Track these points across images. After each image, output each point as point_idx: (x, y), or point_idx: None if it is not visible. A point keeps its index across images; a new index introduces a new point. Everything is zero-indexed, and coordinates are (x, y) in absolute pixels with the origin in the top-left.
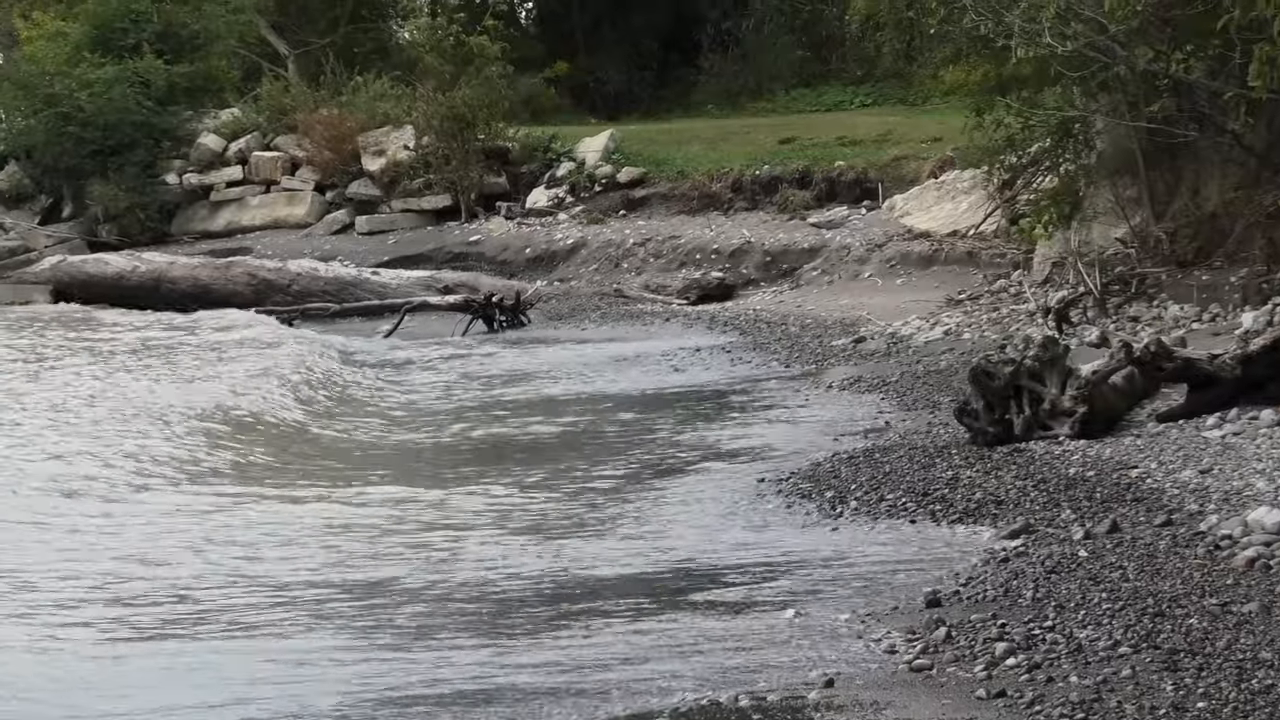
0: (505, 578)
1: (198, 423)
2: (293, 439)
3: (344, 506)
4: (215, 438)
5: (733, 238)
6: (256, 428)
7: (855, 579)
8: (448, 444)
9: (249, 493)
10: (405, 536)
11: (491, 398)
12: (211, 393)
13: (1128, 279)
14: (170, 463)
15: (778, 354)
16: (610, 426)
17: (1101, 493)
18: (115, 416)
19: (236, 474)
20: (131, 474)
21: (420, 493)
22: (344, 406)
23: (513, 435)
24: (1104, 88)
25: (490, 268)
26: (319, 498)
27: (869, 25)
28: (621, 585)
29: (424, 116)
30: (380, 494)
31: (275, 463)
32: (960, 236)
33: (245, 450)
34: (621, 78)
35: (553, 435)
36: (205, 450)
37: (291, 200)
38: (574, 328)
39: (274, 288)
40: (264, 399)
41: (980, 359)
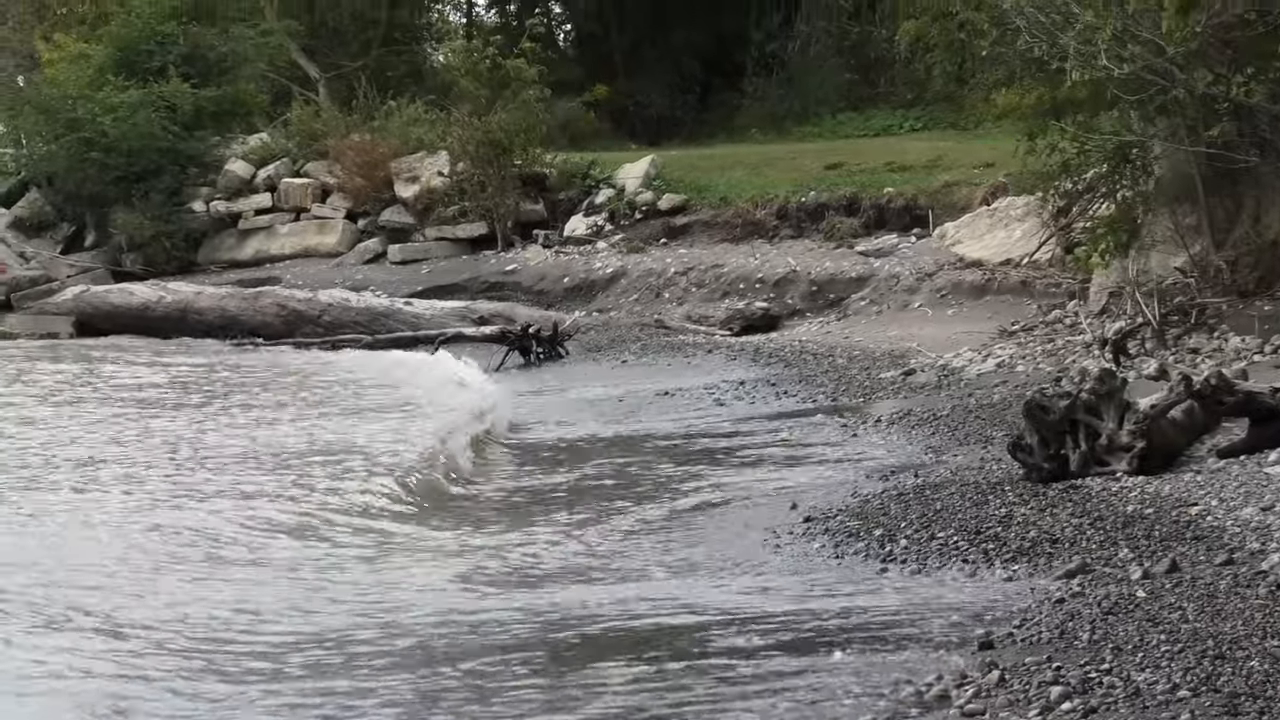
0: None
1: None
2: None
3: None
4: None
5: (777, 267)
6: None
7: (905, 620)
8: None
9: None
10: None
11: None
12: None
13: (1187, 309)
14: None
15: (824, 387)
16: (652, 463)
17: (1160, 531)
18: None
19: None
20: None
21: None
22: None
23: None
24: (1162, 111)
25: (527, 298)
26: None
27: (919, 47)
28: (660, 636)
29: (459, 142)
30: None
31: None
32: (1013, 265)
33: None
34: (663, 101)
35: (594, 475)
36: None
37: (322, 228)
38: (613, 359)
39: (304, 319)
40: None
41: (1034, 392)
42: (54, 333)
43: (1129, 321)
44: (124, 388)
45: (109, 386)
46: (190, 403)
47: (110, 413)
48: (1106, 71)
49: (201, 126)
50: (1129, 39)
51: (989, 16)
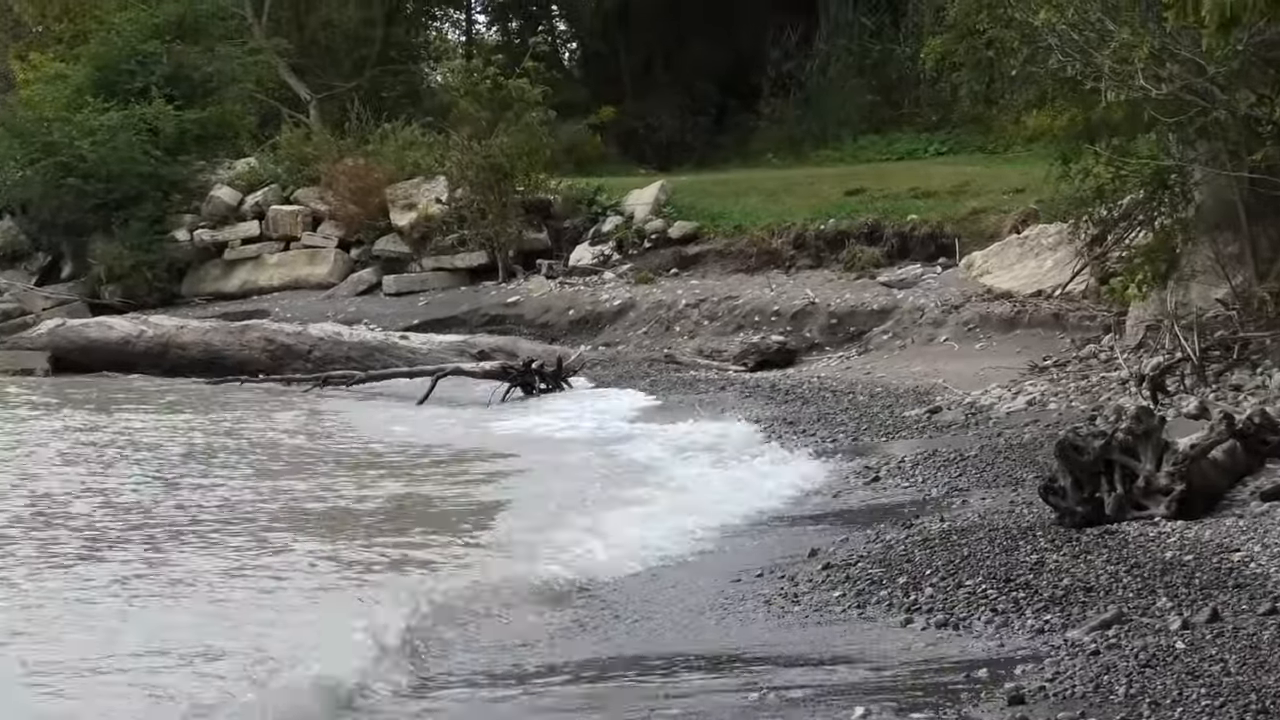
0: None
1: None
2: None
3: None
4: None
5: (795, 298)
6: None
7: (930, 673)
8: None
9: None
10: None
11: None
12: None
13: (1229, 344)
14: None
15: (844, 426)
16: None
17: (1201, 578)
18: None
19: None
20: None
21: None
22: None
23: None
24: (1203, 134)
25: (530, 331)
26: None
27: (944, 66)
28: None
29: (458, 167)
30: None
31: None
32: (1045, 297)
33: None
34: (673, 124)
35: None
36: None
37: (313, 258)
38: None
39: (293, 354)
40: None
41: (1068, 431)
42: (29, 369)
43: (1167, 356)
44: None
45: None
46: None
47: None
48: (1144, 92)
49: (185, 150)
50: (1167, 58)
51: (1019, 34)
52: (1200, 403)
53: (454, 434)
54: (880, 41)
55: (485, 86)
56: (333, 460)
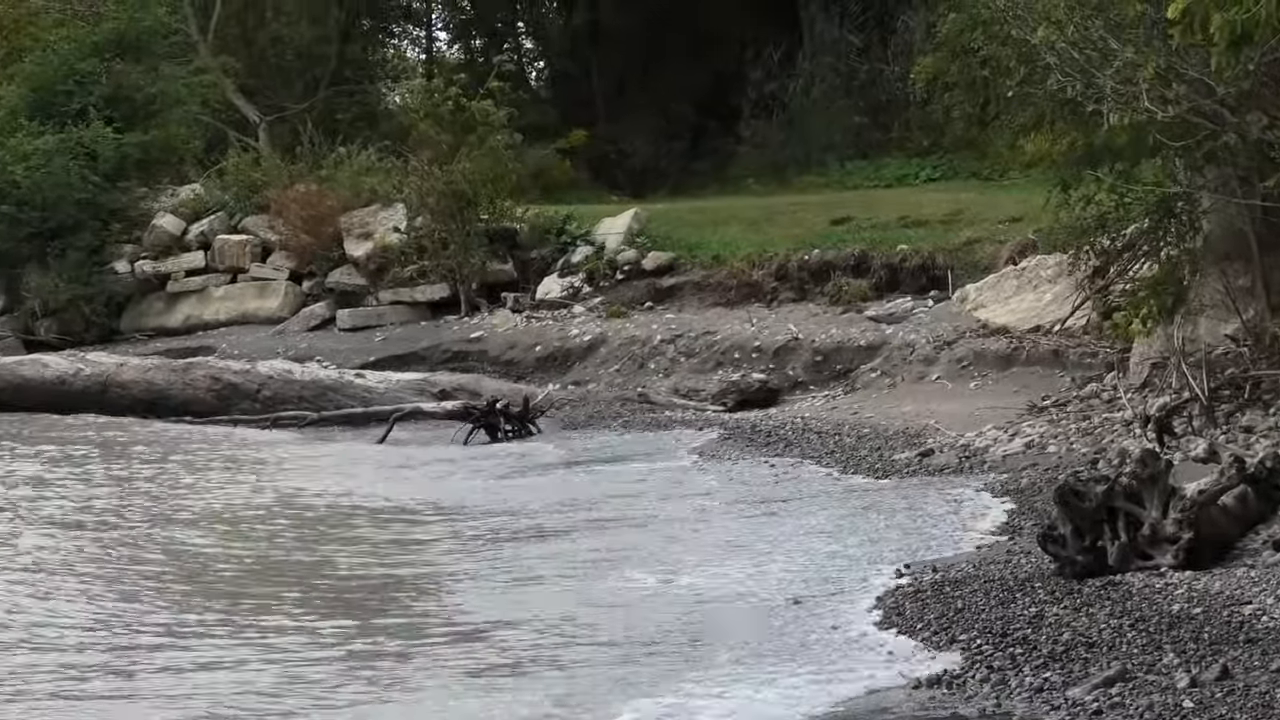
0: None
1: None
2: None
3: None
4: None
5: (777, 334)
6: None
7: None
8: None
9: None
10: None
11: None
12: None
13: (1240, 382)
14: None
15: (830, 469)
16: (631, 547)
17: (1210, 633)
18: None
19: None
20: None
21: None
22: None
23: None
24: (1211, 159)
25: (494, 369)
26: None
27: (936, 87)
28: None
29: (417, 193)
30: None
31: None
32: (1044, 333)
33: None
34: (648, 148)
35: (575, 562)
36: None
37: (262, 291)
38: (590, 438)
39: (240, 393)
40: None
41: (1068, 476)
42: None
43: (1174, 396)
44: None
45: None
46: None
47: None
48: (1148, 114)
49: (126, 176)
50: (1174, 78)
51: (1015, 52)
52: (1209, 445)
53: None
54: (868, 60)
55: (447, 108)
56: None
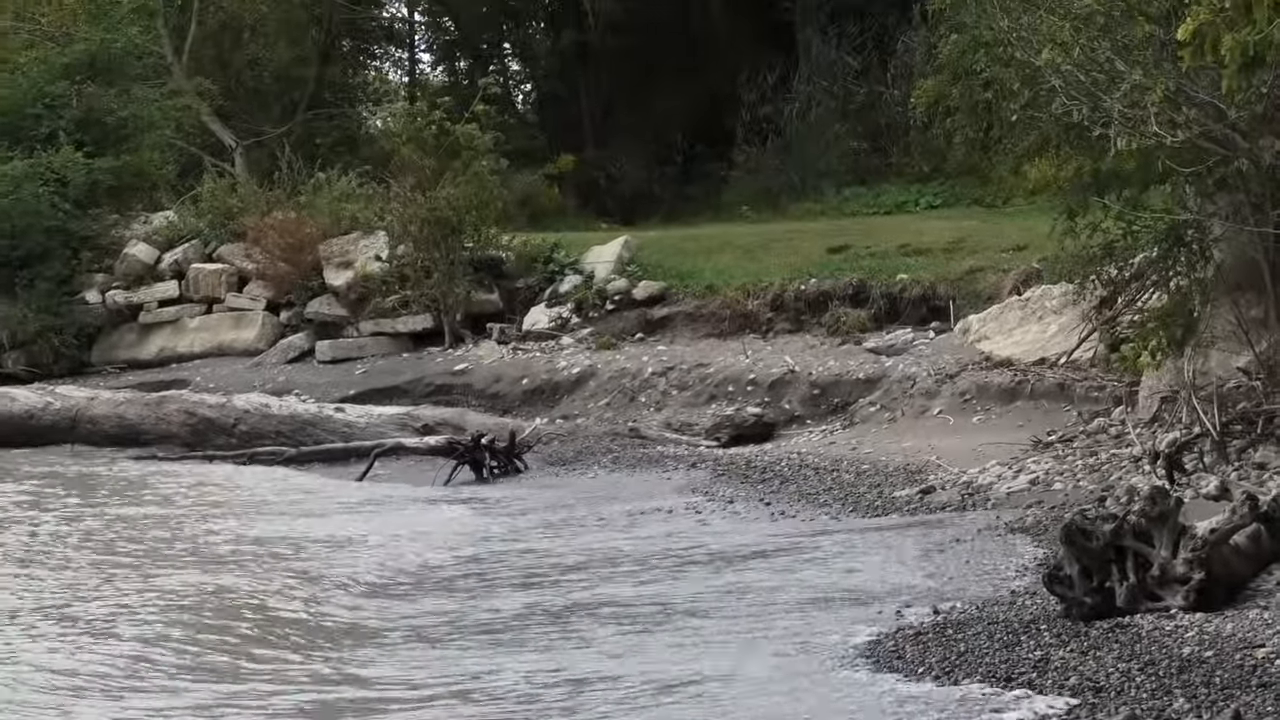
0: None
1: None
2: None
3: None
4: None
5: (773, 366)
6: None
7: None
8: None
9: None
10: None
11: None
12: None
13: (1253, 417)
14: None
15: (828, 506)
16: (620, 595)
17: (1222, 677)
18: None
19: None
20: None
21: None
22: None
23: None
24: (1223, 186)
25: (479, 402)
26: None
27: (937, 111)
28: None
29: (400, 220)
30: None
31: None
32: (1049, 365)
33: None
34: (638, 174)
35: (555, 612)
36: None
37: (238, 322)
38: (579, 475)
39: (216, 428)
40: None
41: (1075, 514)
42: None
43: (1185, 431)
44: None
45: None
46: None
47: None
48: (1157, 139)
49: (97, 203)
50: (1183, 101)
51: (1019, 75)
52: (1221, 482)
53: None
54: (866, 83)
55: (430, 132)
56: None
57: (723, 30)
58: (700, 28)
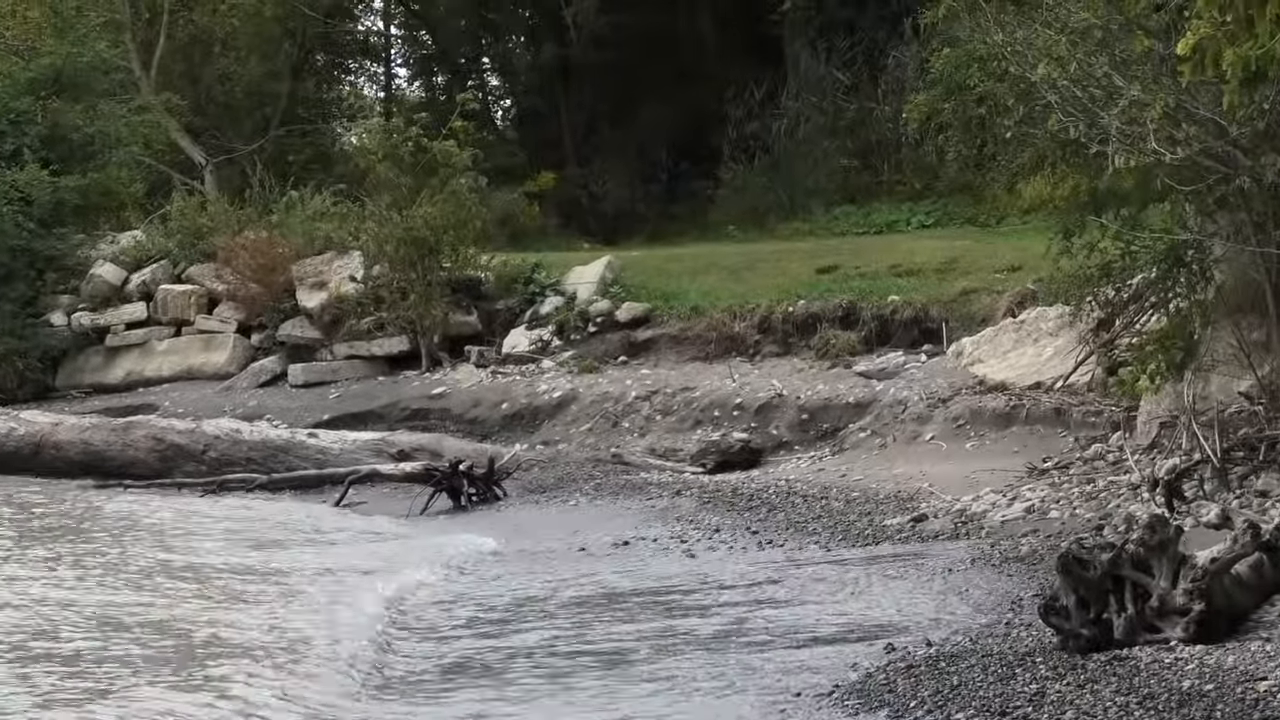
0: None
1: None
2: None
3: None
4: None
5: (760, 390)
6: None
7: None
8: None
9: None
10: None
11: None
12: None
13: (1255, 443)
14: None
15: (817, 535)
16: (600, 634)
17: (1223, 711)
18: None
19: None
20: None
21: None
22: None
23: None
24: (1224, 204)
25: (457, 428)
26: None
27: (930, 127)
28: None
29: (375, 240)
30: None
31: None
32: (1045, 390)
33: None
34: (621, 192)
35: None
36: None
37: (208, 345)
38: (560, 503)
39: (185, 454)
40: None
41: (1071, 543)
42: None
43: (1184, 458)
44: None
45: None
46: None
47: None
48: (1156, 156)
49: (62, 222)
50: (1183, 118)
51: (1014, 90)
52: (1222, 510)
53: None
54: (856, 99)
55: (407, 149)
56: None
57: (709, 45)
58: (686, 42)
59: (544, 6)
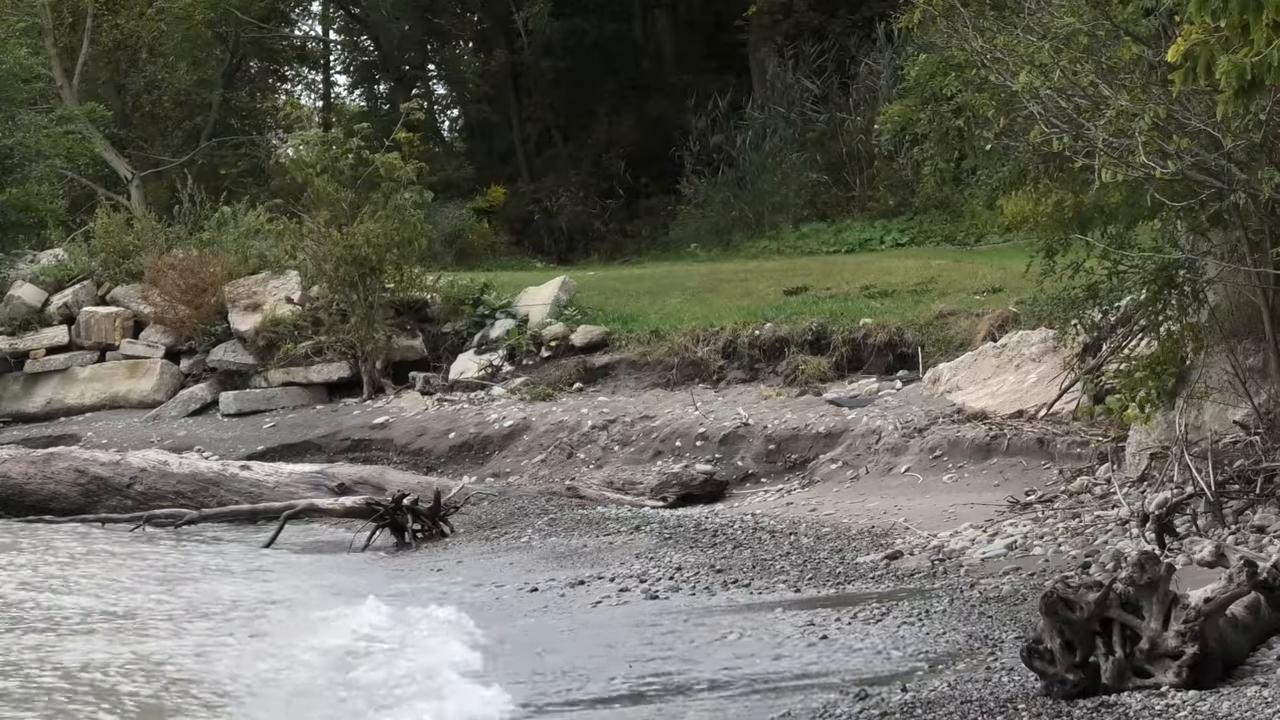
0: None
1: None
2: None
3: None
4: None
5: (724, 419)
6: None
7: None
8: None
9: None
10: None
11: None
12: None
13: (1250, 475)
14: None
15: (785, 574)
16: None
17: None
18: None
19: None
20: None
21: None
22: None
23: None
24: (1217, 222)
25: (401, 459)
26: None
27: (904, 139)
28: None
29: (313, 259)
30: None
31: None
32: (1028, 419)
33: None
34: (577, 208)
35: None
36: None
37: (134, 371)
38: (511, 539)
39: (109, 488)
40: None
41: (1056, 582)
42: None
43: (1176, 491)
44: None
45: None
46: None
47: None
48: (1145, 170)
49: None
50: (1174, 129)
51: (994, 100)
52: (1216, 547)
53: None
54: (826, 110)
55: (347, 162)
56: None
57: (669, 52)
58: (645, 49)
59: (493, 10)
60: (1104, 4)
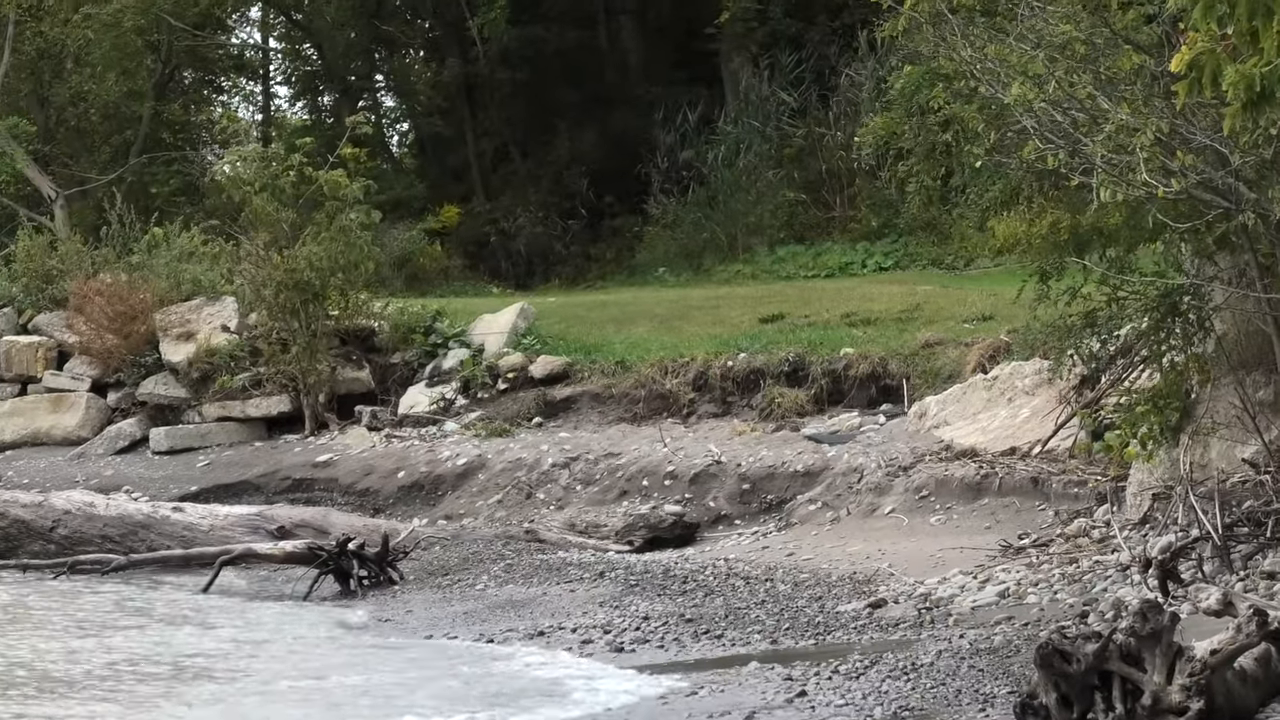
0: None
1: None
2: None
3: None
4: None
5: (695, 456)
6: None
7: None
8: None
9: None
10: None
11: None
12: None
13: (1260, 518)
14: None
15: (761, 624)
16: None
17: None
18: None
19: None
20: None
21: None
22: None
23: None
24: (1224, 244)
25: (346, 500)
26: None
27: (888, 155)
28: None
29: (251, 284)
30: None
31: None
32: (1021, 456)
33: None
34: (536, 230)
35: None
36: None
37: (58, 405)
38: (465, 586)
39: (31, 532)
40: None
41: (1052, 633)
42: None
43: (1180, 535)
44: None
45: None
46: None
47: None
48: (1147, 189)
49: None
50: (1178, 145)
51: (984, 113)
52: (1224, 594)
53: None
54: (805, 124)
55: (288, 179)
56: None
57: (635, 61)
58: (609, 58)
59: (446, 17)
60: (1102, 10)
